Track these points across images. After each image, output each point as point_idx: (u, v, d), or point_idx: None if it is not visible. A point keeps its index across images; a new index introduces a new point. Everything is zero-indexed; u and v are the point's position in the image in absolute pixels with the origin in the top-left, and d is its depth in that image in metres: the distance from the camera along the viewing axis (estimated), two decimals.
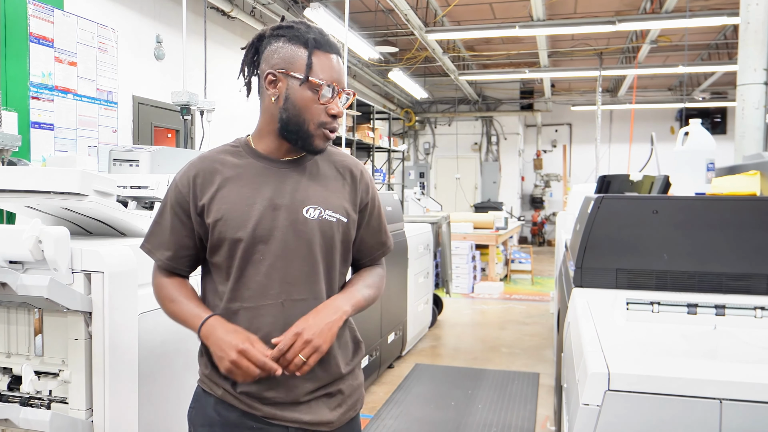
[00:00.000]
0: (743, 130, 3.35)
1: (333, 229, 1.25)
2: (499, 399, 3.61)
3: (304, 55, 1.21)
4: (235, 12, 6.10)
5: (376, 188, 1.38)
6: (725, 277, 1.63)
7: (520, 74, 9.86)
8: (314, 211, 1.24)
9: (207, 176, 1.24)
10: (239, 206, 1.21)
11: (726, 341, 1.42)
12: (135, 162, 2.34)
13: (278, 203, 1.22)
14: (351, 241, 1.31)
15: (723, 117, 12.23)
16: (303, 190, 1.25)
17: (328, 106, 1.22)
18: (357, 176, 1.32)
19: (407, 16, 6.48)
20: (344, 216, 1.27)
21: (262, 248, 1.21)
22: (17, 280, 1.46)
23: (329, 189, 1.28)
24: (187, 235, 1.26)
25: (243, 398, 1.23)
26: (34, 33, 2.94)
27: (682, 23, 6.50)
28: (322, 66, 1.21)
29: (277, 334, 1.20)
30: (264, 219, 1.21)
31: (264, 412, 1.23)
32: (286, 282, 1.21)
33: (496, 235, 7.65)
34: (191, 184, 1.25)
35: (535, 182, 13.63)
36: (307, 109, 1.21)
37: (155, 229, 1.29)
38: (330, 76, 1.21)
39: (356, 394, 1.33)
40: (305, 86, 1.21)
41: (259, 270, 1.21)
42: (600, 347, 1.23)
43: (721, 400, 1.06)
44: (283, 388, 1.22)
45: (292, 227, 1.22)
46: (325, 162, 1.31)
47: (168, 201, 1.27)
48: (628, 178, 2.72)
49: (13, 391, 1.63)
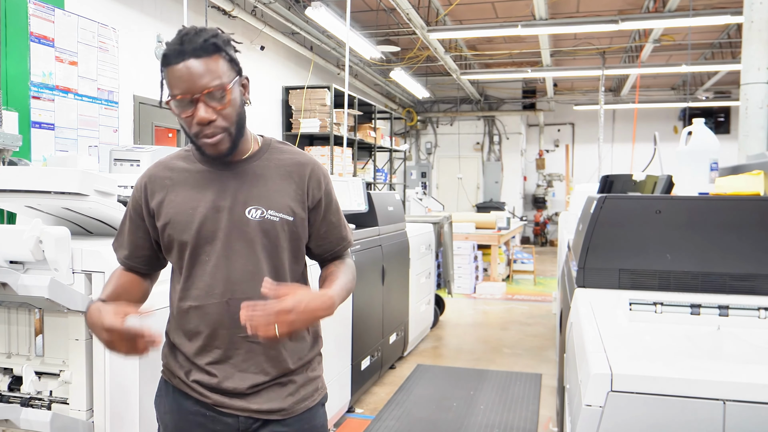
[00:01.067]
0: (747, 129, 3.34)
1: (276, 228, 1.27)
2: (501, 400, 3.60)
3: (164, 74, 1.21)
4: (236, 11, 6.09)
5: (330, 183, 1.38)
6: (729, 278, 1.62)
7: (522, 74, 9.85)
8: (256, 212, 1.26)
9: (157, 181, 1.30)
10: (185, 209, 1.27)
11: (729, 342, 1.41)
12: (136, 162, 2.34)
13: (221, 205, 1.26)
14: (301, 239, 1.33)
15: (726, 116, 12.20)
16: (245, 191, 1.27)
17: (194, 116, 1.18)
18: (305, 174, 1.32)
19: (409, 15, 6.48)
20: (289, 215, 1.29)
21: (208, 249, 1.26)
22: (18, 280, 1.46)
23: (273, 189, 1.29)
24: (142, 237, 1.33)
25: (195, 386, 1.28)
26: (34, 32, 2.94)
27: (686, 22, 6.48)
28: (171, 81, 1.18)
29: (224, 331, 1.25)
30: (207, 221, 1.25)
31: (214, 401, 1.28)
32: (230, 281, 1.25)
33: (498, 235, 7.63)
34: (143, 190, 1.31)
35: (538, 182, 13.61)
36: (182, 122, 1.22)
37: (120, 230, 1.37)
38: (178, 88, 1.17)
39: (312, 385, 1.36)
40: (172, 106, 1.21)
41: (205, 270, 1.26)
42: (603, 348, 1.22)
43: (725, 401, 1.05)
44: (233, 380, 1.26)
45: (235, 228, 1.25)
46: (272, 162, 1.32)
47: (129, 206, 1.35)
48: (631, 178, 2.71)
49: (13, 392, 1.63)
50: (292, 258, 1.32)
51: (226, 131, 1.21)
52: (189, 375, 1.29)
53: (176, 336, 1.31)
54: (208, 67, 1.17)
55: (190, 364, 1.29)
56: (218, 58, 1.19)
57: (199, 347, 1.28)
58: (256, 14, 6.56)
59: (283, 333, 1.12)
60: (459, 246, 7.11)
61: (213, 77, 1.17)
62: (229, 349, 1.27)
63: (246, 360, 1.27)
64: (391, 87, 10.90)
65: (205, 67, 1.17)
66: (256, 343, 1.26)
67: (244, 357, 1.27)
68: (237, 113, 1.23)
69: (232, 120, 1.22)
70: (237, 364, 1.27)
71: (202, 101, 1.17)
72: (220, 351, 1.27)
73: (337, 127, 7.09)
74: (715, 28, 8.06)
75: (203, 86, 1.17)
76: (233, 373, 1.26)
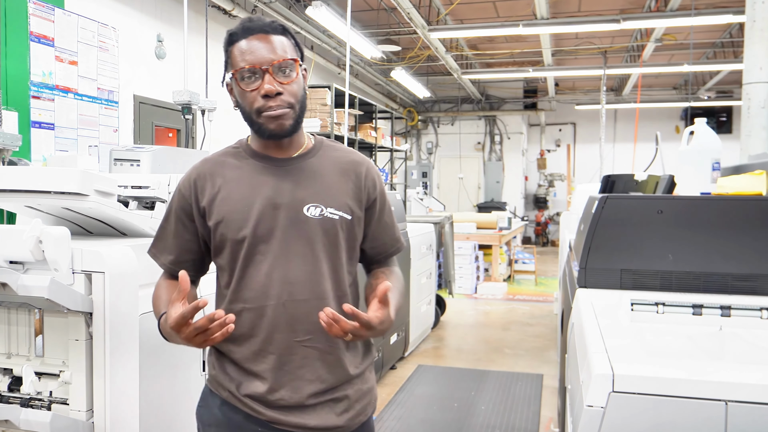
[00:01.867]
0: (749, 129, 3.33)
1: (336, 227, 1.22)
2: (502, 400, 3.60)
3: (228, 54, 1.21)
4: (237, 11, 6.10)
5: (383, 184, 1.35)
6: (731, 278, 1.62)
7: (523, 73, 9.84)
8: (315, 210, 1.21)
9: (207, 178, 1.24)
10: (239, 207, 1.20)
11: (732, 342, 1.41)
12: (136, 162, 2.33)
13: (278, 202, 1.20)
14: (357, 239, 1.28)
15: (728, 116, 12.18)
16: (303, 188, 1.22)
17: (260, 90, 1.16)
18: (362, 172, 1.29)
19: (410, 15, 6.47)
20: (348, 213, 1.24)
21: (264, 248, 1.19)
22: (18, 280, 1.45)
23: (331, 186, 1.24)
24: (190, 239, 1.26)
25: (247, 401, 1.21)
26: (34, 32, 2.93)
27: (688, 21, 6.47)
28: (239, 54, 1.18)
29: (280, 335, 1.19)
30: (264, 219, 1.19)
31: (268, 417, 1.20)
32: (287, 282, 1.19)
33: (499, 235, 7.63)
34: (192, 187, 1.25)
35: (539, 182, 13.60)
36: (245, 100, 1.19)
37: (160, 234, 1.30)
38: (245, 59, 1.16)
39: (366, 398, 1.30)
40: (235, 82, 1.19)
41: (261, 270, 1.19)
42: (604, 348, 1.22)
43: (727, 401, 1.04)
44: (287, 389, 1.19)
45: (293, 226, 1.20)
46: (329, 159, 1.28)
47: (172, 206, 1.28)
48: (632, 178, 2.70)
49: (13, 392, 1.62)
50: (349, 258, 1.27)
51: (291, 107, 1.18)
52: (240, 388, 1.21)
53: (224, 343, 1.21)
54: (276, 42, 1.18)
55: (241, 374, 1.22)
56: (284, 39, 1.20)
57: (252, 353, 1.20)
58: (257, 13, 6.56)
59: (350, 338, 1.09)
60: (460, 246, 7.10)
61: (281, 51, 1.17)
62: (284, 355, 1.19)
63: (302, 366, 1.20)
64: (392, 86, 10.89)
65: (273, 42, 1.18)
66: (313, 349, 1.19)
67: (299, 363, 1.20)
68: (301, 94, 1.20)
69: (297, 98, 1.19)
70: (292, 371, 1.19)
71: (270, 73, 1.16)
72: (275, 357, 1.19)
73: (338, 127, 7.09)
74: (717, 27, 8.05)
75: (271, 59, 1.16)
76: (288, 381, 1.19)
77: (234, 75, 1.18)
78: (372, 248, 1.33)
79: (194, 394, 1.97)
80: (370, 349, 1.34)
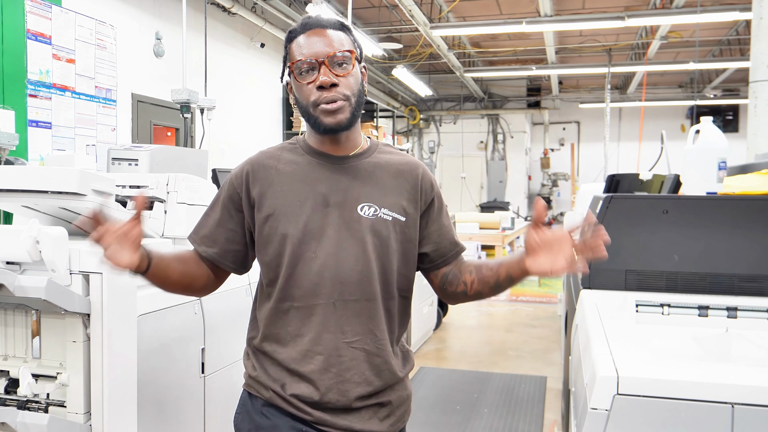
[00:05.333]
0: (756, 127, 3.31)
1: (388, 228, 1.21)
2: (505, 403, 3.58)
3: (287, 50, 1.22)
4: (236, 8, 6.08)
5: (439, 187, 1.35)
6: (737, 279, 1.60)
7: (526, 71, 9.82)
8: (369, 210, 1.20)
9: (261, 170, 1.24)
10: (291, 201, 1.20)
11: (738, 344, 1.40)
12: (134, 161, 2.32)
13: (332, 200, 1.20)
14: (412, 241, 1.25)
15: (735, 115, 12.12)
16: (358, 187, 1.21)
17: (316, 81, 1.16)
18: (418, 174, 1.29)
19: (412, 12, 6.45)
20: (402, 215, 1.23)
21: (314, 245, 1.18)
22: (14, 281, 1.45)
23: (386, 187, 1.23)
24: (234, 229, 1.25)
25: (293, 401, 1.20)
26: (31, 30, 2.92)
27: (693, 18, 6.42)
28: (297, 48, 1.19)
29: (328, 335, 1.18)
30: (316, 215, 1.19)
31: (315, 418, 1.19)
32: (338, 281, 1.18)
33: (502, 235, 7.61)
34: (245, 178, 1.24)
35: (543, 181, 13.56)
36: (301, 93, 1.19)
37: (203, 221, 1.29)
38: (302, 53, 1.17)
39: (405, 405, 1.30)
40: (293, 77, 1.20)
41: (311, 268, 1.18)
42: (609, 350, 1.21)
43: (733, 404, 1.04)
44: (335, 391, 1.18)
45: (346, 225, 1.19)
46: (384, 160, 1.27)
47: (221, 194, 1.27)
48: (637, 177, 2.69)
49: (10, 395, 1.61)
50: (402, 261, 1.24)
51: (347, 100, 1.17)
52: (285, 388, 1.20)
53: (268, 343, 1.22)
54: (333, 36, 1.19)
55: (287, 374, 1.20)
56: (342, 33, 1.21)
57: (299, 353, 1.18)
58: (256, 11, 6.54)
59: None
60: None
61: (338, 44, 1.18)
62: (331, 356, 1.18)
63: (349, 368, 1.18)
64: (394, 85, 10.88)
65: (331, 36, 1.19)
66: (361, 351, 1.19)
67: (347, 365, 1.18)
68: (358, 88, 1.20)
69: (354, 90, 1.19)
70: (340, 372, 1.18)
71: (326, 65, 1.16)
72: (323, 357, 1.18)
73: None
74: (724, 24, 8.01)
75: (327, 51, 1.17)
76: (335, 383, 1.18)
77: (291, 69, 1.19)
78: (435, 250, 1.30)
79: (193, 396, 1.96)
80: (409, 355, 1.33)
